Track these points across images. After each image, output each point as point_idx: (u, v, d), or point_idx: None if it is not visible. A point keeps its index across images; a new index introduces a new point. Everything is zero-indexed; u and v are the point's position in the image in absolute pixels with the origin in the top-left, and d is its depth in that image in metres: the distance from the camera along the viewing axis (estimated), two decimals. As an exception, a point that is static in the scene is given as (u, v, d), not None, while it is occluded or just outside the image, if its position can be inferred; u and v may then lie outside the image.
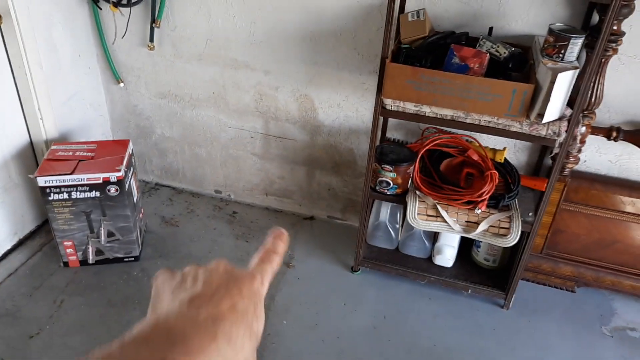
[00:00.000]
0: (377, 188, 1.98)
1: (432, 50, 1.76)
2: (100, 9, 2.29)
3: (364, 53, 2.10)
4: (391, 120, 2.21)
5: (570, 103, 1.65)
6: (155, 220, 2.51)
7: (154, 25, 2.24)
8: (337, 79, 2.20)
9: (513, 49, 1.72)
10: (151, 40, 2.29)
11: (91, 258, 2.21)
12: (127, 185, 2.09)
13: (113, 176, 2.02)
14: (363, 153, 2.35)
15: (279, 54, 2.21)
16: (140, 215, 2.34)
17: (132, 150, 2.21)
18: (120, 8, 2.24)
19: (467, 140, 2.00)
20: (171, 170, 2.73)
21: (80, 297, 2.08)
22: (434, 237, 2.22)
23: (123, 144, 2.20)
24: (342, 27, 2.07)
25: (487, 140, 2.08)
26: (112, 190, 2.04)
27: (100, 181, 2.02)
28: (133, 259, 2.26)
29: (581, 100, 1.62)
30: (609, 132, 1.92)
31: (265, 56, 2.24)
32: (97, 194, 2.04)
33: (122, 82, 2.49)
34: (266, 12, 2.13)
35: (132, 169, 2.19)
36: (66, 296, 2.08)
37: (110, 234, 2.17)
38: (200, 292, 0.41)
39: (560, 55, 1.63)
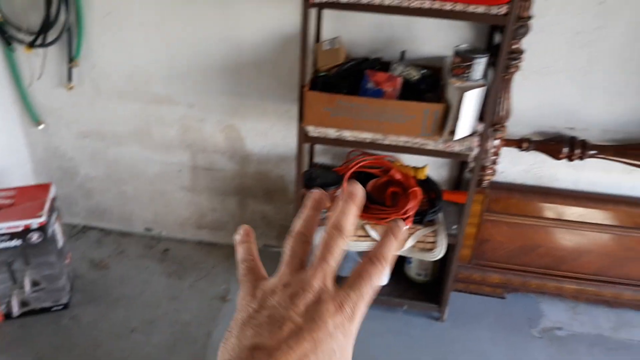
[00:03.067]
0: (307, 213, 2.00)
1: (348, 77, 1.81)
2: (13, 51, 2.23)
3: (286, 82, 2.14)
4: (318, 145, 2.25)
5: (482, 118, 1.74)
6: (84, 265, 2.42)
7: (70, 65, 2.19)
8: (261, 109, 2.22)
9: (424, 70, 1.81)
10: (69, 79, 2.24)
11: (15, 311, 2.10)
12: (50, 230, 2.01)
13: (35, 222, 1.95)
14: (293, 179, 2.37)
15: (202, 86, 2.22)
16: (67, 260, 2.25)
17: (54, 194, 2.14)
18: (35, 49, 2.18)
19: (390, 161, 2.07)
20: (98, 211, 2.65)
21: (5, 355, 1.97)
22: (367, 256, 2.25)
23: (44, 188, 2.12)
24: (262, 57, 2.11)
25: (410, 159, 2.15)
26: (35, 237, 1.97)
27: (22, 229, 1.94)
28: (62, 307, 2.16)
29: (490, 116, 1.71)
30: (521, 144, 2.04)
31: (187, 89, 2.23)
32: (19, 242, 1.95)
33: (42, 123, 2.41)
34: (186, 45, 2.14)
35: (55, 213, 2.11)
36: (-11, 353, 1.97)
37: (35, 283, 2.08)
38: (263, 343, 0.36)
39: (467, 74, 1.72)
